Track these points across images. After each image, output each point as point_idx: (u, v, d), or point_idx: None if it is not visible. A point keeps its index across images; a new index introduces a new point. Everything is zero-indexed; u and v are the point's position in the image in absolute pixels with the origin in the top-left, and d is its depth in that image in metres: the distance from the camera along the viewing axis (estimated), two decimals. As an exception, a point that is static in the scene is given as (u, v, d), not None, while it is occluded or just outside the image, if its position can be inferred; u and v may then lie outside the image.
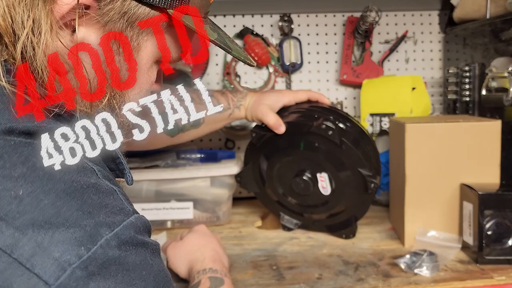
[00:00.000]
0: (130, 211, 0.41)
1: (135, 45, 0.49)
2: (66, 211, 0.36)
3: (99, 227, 0.37)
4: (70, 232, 0.35)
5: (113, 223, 0.38)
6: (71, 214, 0.36)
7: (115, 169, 0.51)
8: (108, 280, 0.36)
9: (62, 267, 0.34)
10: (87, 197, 0.38)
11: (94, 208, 0.38)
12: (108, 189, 0.41)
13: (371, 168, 0.91)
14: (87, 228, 0.36)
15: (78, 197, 0.37)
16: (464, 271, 0.81)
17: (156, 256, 0.42)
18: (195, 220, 1.06)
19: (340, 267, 0.84)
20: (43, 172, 0.37)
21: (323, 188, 0.94)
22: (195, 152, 1.13)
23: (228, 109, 0.96)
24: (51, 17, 0.43)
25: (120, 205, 0.40)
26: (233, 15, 1.25)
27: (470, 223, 0.85)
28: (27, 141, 0.39)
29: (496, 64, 1.01)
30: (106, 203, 0.39)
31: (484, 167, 0.89)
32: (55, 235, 0.35)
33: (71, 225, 0.36)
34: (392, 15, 1.29)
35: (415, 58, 1.31)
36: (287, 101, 0.97)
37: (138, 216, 0.41)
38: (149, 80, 0.54)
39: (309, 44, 1.28)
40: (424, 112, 1.15)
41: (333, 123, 0.92)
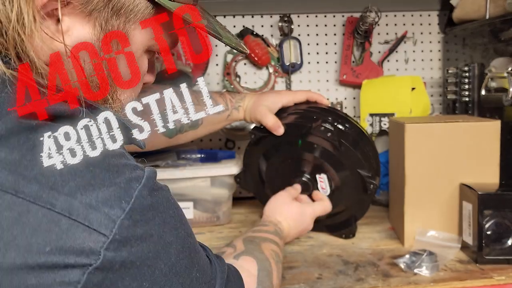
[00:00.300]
0: (141, 166, 0.46)
1: None
2: (99, 173, 0.42)
3: (130, 182, 0.43)
4: (110, 190, 0.41)
5: (138, 176, 0.44)
6: (104, 175, 0.42)
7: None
8: (149, 224, 0.43)
9: (112, 220, 0.40)
10: (109, 161, 0.43)
11: (118, 168, 0.43)
12: (119, 152, 0.45)
13: (370, 169, 0.92)
14: (122, 184, 0.42)
15: (102, 162, 0.42)
16: (463, 271, 0.81)
17: (170, 194, 0.49)
18: (195, 220, 1.06)
19: (340, 267, 0.84)
20: None
21: (322, 189, 0.94)
22: (195, 152, 1.13)
23: (226, 111, 0.96)
24: (33, 7, 0.43)
25: (133, 163, 0.46)
26: (233, 16, 1.26)
27: (469, 223, 0.85)
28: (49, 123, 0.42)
29: (496, 64, 1.01)
30: (124, 162, 0.45)
31: (484, 167, 0.89)
32: (100, 194, 0.41)
33: (108, 184, 0.42)
34: (392, 16, 1.29)
35: (415, 58, 1.31)
36: (285, 102, 0.97)
37: (148, 168, 0.47)
38: (141, 70, 0.54)
39: (309, 45, 1.28)
40: (424, 112, 1.15)
41: (331, 124, 0.92)
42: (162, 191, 0.47)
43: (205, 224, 1.07)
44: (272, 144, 0.96)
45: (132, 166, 0.45)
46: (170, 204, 0.48)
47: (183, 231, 0.49)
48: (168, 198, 0.47)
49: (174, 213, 0.48)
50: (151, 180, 0.45)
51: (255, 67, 1.27)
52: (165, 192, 0.47)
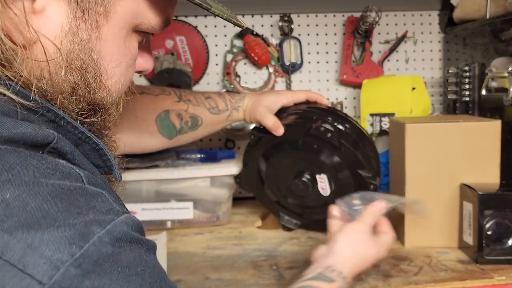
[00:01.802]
0: (119, 211, 0.40)
1: (100, 10, 0.45)
2: (54, 212, 0.35)
3: (90, 225, 0.36)
4: (60, 231, 0.34)
5: (104, 221, 0.37)
6: (59, 215, 0.35)
7: (102, 165, 0.50)
8: (103, 278, 0.35)
9: (55, 265, 0.33)
10: (74, 199, 0.37)
11: (82, 209, 0.37)
12: (95, 192, 0.40)
13: (371, 169, 0.91)
14: (78, 226, 0.35)
15: (65, 199, 0.37)
16: (464, 271, 0.81)
17: (151, 253, 0.41)
18: (195, 220, 1.06)
19: (340, 267, 0.84)
20: (28, 178, 0.36)
21: (322, 189, 0.94)
22: (195, 152, 1.13)
23: (226, 111, 0.96)
24: None
25: (108, 206, 0.39)
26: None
27: (470, 223, 0.85)
28: (11, 148, 0.38)
29: (496, 64, 1.01)
30: (94, 204, 0.38)
31: (484, 167, 0.89)
32: (45, 235, 0.34)
33: (60, 224, 0.35)
34: (392, 15, 1.29)
35: (415, 58, 1.31)
36: (285, 102, 0.96)
37: (129, 215, 0.40)
38: (129, 52, 0.50)
39: (309, 44, 1.28)
40: (424, 112, 1.15)
41: (331, 125, 0.92)
42: (135, 244, 0.38)
43: (205, 224, 1.07)
44: (272, 145, 0.95)
45: (103, 209, 0.38)
46: (141, 262, 0.38)
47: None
48: (140, 255, 0.39)
49: (144, 272, 0.38)
50: (121, 228, 0.38)
51: (255, 67, 1.27)
52: (140, 249, 0.39)
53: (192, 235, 1.03)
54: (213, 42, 1.26)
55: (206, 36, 1.26)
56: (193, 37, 1.25)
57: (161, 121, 0.90)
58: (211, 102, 0.94)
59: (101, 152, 0.49)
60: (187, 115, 0.92)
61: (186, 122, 0.92)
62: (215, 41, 1.26)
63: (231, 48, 1.26)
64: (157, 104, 0.90)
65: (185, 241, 1.00)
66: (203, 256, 0.92)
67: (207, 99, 0.94)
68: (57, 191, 0.37)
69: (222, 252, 0.94)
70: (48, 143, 0.40)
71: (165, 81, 1.19)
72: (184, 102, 0.92)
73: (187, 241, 1.00)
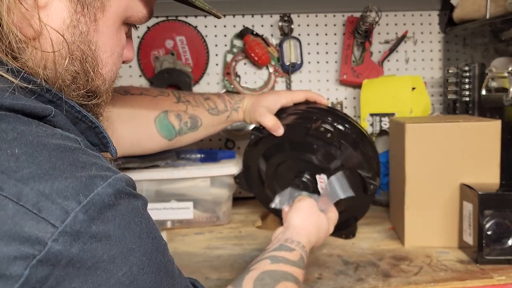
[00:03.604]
0: (116, 170, 0.43)
1: (98, 4, 0.49)
2: (60, 165, 0.39)
3: (93, 178, 0.40)
4: (68, 182, 0.38)
5: (106, 175, 0.41)
6: (66, 167, 0.39)
7: (99, 143, 0.53)
8: (107, 224, 0.39)
9: (66, 211, 0.37)
10: (77, 156, 0.41)
11: (85, 164, 0.41)
12: (93, 153, 0.43)
13: (370, 170, 0.91)
14: (83, 179, 0.39)
15: (69, 155, 0.40)
16: (464, 271, 0.81)
17: (146, 209, 0.45)
18: (195, 220, 1.06)
19: (340, 267, 0.84)
20: (32, 138, 0.39)
21: (322, 189, 0.94)
22: (195, 152, 1.13)
23: (225, 112, 0.96)
24: None
25: (107, 164, 0.43)
26: (233, 15, 1.25)
27: (470, 223, 0.85)
28: (12, 114, 0.41)
29: (496, 64, 1.01)
30: (95, 161, 0.42)
31: (484, 167, 0.89)
32: (55, 184, 0.37)
33: (67, 176, 0.38)
34: (392, 15, 1.29)
35: (415, 58, 1.31)
36: (284, 102, 0.96)
37: (124, 174, 0.44)
38: (120, 43, 0.54)
39: (309, 44, 1.28)
40: (424, 112, 1.15)
41: (331, 125, 0.92)
42: (134, 199, 0.43)
43: (205, 224, 1.07)
44: (271, 145, 0.95)
45: (103, 167, 0.42)
46: (139, 213, 0.43)
47: (151, 244, 0.43)
48: (138, 207, 0.43)
49: (141, 222, 0.43)
50: (120, 183, 0.42)
51: (255, 67, 1.27)
52: (137, 201, 0.43)
53: (192, 235, 1.03)
54: (213, 42, 1.26)
55: (206, 36, 1.26)
56: (193, 37, 1.25)
57: (160, 122, 0.90)
58: (210, 103, 0.94)
59: (97, 130, 0.52)
60: (186, 116, 0.92)
61: (185, 123, 0.92)
62: (215, 41, 1.26)
63: (231, 48, 1.26)
64: (155, 105, 0.90)
65: (185, 241, 1.00)
66: (203, 256, 0.92)
67: (206, 100, 0.95)
68: (60, 148, 0.40)
69: (222, 252, 0.94)
70: (46, 115, 0.43)
71: (165, 81, 1.19)
72: (183, 103, 0.93)
73: (187, 241, 1.00)
